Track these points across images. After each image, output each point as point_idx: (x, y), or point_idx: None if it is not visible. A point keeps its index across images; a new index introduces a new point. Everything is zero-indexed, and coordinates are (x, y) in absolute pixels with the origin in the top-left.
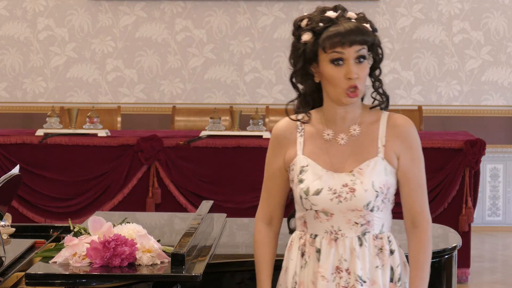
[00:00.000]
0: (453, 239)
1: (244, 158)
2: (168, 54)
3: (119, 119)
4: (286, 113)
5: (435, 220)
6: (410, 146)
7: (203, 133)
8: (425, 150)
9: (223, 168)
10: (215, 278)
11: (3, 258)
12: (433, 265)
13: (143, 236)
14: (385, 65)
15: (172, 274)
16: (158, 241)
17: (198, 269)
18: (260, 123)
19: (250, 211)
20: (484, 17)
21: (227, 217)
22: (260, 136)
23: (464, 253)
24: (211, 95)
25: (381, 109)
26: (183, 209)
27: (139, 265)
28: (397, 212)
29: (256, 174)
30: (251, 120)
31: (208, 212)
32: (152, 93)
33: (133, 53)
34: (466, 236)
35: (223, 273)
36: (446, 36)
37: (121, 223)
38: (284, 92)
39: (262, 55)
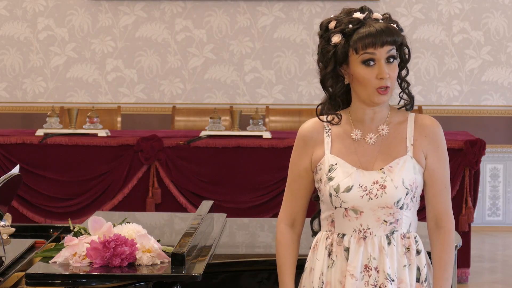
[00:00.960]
0: None
1: (244, 158)
2: (168, 54)
3: (119, 119)
4: (317, 114)
5: None
6: (438, 146)
7: (203, 133)
8: None
9: (223, 168)
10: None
11: (3, 258)
12: None
13: (143, 236)
14: None
15: (172, 274)
16: (158, 241)
17: (198, 269)
18: (260, 123)
19: (250, 211)
20: (484, 17)
21: (227, 217)
22: (260, 136)
23: (464, 253)
24: (211, 95)
25: (407, 109)
26: (183, 209)
27: (139, 265)
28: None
29: (256, 174)
30: (251, 120)
31: (208, 212)
32: (152, 93)
33: (133, 53)
34: (466, 236)
35: (223, 273)
36: (446, 36)
37: (121, 223)
38: (284, 92)
39: (262, 55)
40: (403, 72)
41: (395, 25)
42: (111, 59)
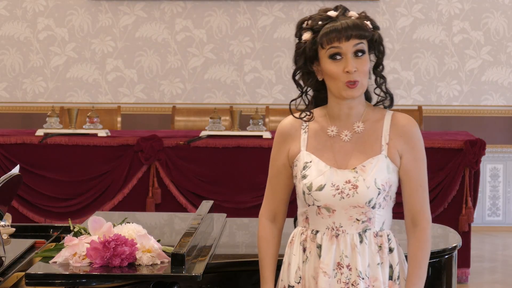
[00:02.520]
0: (453, 239)
1: (244, 158)
2: (168, 54)
3: (119, 119)
4: (290, 110)
5: (435, 220)
6: (413, 146)
7: (203, 133)
8: (425, 150)
9: (223, 168)
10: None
11: (3, 258)
12: (433, 265)
13: (143, 236)
14: (385, 65)
15: (172, 274)
16: (158, 241)
17: (198, 269)
18: (260, 123)
19: (250, 211)
20: (484, 17)
21: (227, 217)
22: (260, 136)
23: (464, 253)
24: (211, 95)
25: (385, 107)
26: (183, 209)
27: (139, 265)
28: (397, 212)
29: (256, 174)
30: (251, 120)
31: (208, 212)
32: (152, 93)
33: (133, 53)
34: (466, 236)
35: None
36: (446, 36)
37: (121, 223)
38: (284, 92)
39: (262, 55)
40: (380, 68)
41: (368, 22)
42: (111, 59)
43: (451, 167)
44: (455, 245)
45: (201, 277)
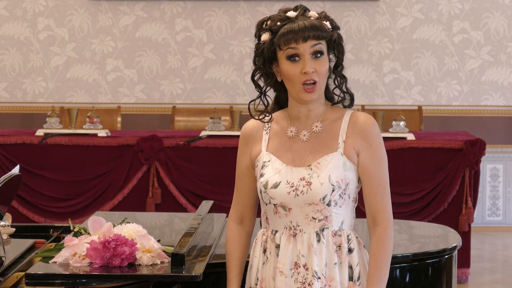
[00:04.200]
0: (453, 239)
1: None
2: (168, 54)
3: (119, 119)
4: (249, 112)
5: (435, 220)
6: (371, 144)
7: (203, 133)
8: (425, 150)
9: (223, 168)
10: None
11: (3, 258)
12: (433, 265)
13: (143, 236)
14: (385, 65)
15: (172, 274)
16: (158, 241)
17: (198, 269)
18: None
19: None
20: (484, 17)
21: (227, 217)
22: None
23: (464, 253)
24: (211, 95)
25: (345, 107)
26: (183, 209)
27: (139, 265)
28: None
29: None
30: None
31: (208, 212)
32: (152, 93)
33: (133, 53)
34: (466, 236)
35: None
36: (446, 36)
37: (121, 223)
38: None
39: None
40: (339, 69)
41: (327, 23)
42: (111, 59)
43: (451, 167)
44: (455, 245)
45: (201, 277)
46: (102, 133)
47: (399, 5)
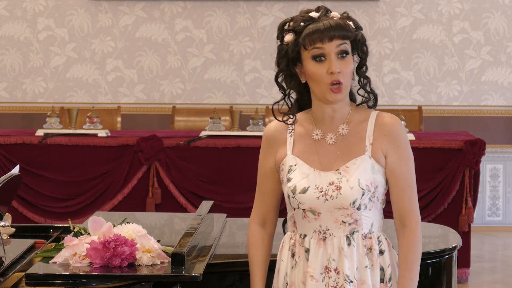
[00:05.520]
0: (453, 239)
1: (244, 158)
2: (168, 54)
3: (119, 119)
4: (273, 113)
5: (435, 220)
6: (398, 145)
7: (203, 133)
8: (425, 150)
9: (223, 168)
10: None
11: (3, 258)
12: (433, 265)
13: (143, 236)
14: (385, 65)
15: (172, 274)
16: (158, 241)
17: (198, 269)
18: (260, 123)
19: (250, 211)
20: (484, 17)
21: (227, 217)
22: (260, 136)
23: (464, 253)
24: (211, 95)
25: (369, 107)
26: (183, 209)
27: (139, 265)
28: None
29: (256, 174)
30: (251, 120)
31: (208, 212)
32: (152, 93)
33: (133, 53)
34: (466, 236)
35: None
36: (446, 36)
37: (121, 223)
38: None
39: (262, 55)
40: (363, 69)
41: (351, 23)
42: (111, 59)
43: (451, 167)
44: (455, 245)
45: (201, 277)
46: (102, 133)
47: (399, 5)
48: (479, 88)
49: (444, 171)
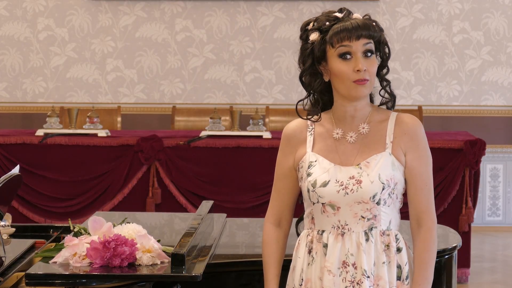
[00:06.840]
0: (453, 239)
1: (244, 158)
2: (168, 54)
3: (119, 119)
4: (297, 111)
5: None
6: (417, 144)
7: (203, 133)
8: None
9: (223, 168)
10: (216, 278)
11: (3, 258)
12: None
13: (143, 236)
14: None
15: (172, 274)
16: (158, 241)
17: (198, 269)
18: (260, 123)
19: (250, 211)
20: (484, 17)
21: (227, 217)
22: (260, 136)
23: (464, 253)
24: (211, 95)
25: (388, 108)
26: (183, 209)
27: (139, 265)
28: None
29: (256, 174)
30: (251, 120)
31: (208, 212)
32: (152, 93)
33: (133, 53)
34: (466, 236)
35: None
36: (446, 36)
37: (121, 223)
38: (284, 92)
39: (262, 55)
40: (384, 71)
41: (374, 24)
42: (111, 59)
43: (451, 167)
44: (455, 245)
45: (201, 277)
46: (102, 133)
47: (399, 5)
48: (479, 88)
49: (444, 171)
